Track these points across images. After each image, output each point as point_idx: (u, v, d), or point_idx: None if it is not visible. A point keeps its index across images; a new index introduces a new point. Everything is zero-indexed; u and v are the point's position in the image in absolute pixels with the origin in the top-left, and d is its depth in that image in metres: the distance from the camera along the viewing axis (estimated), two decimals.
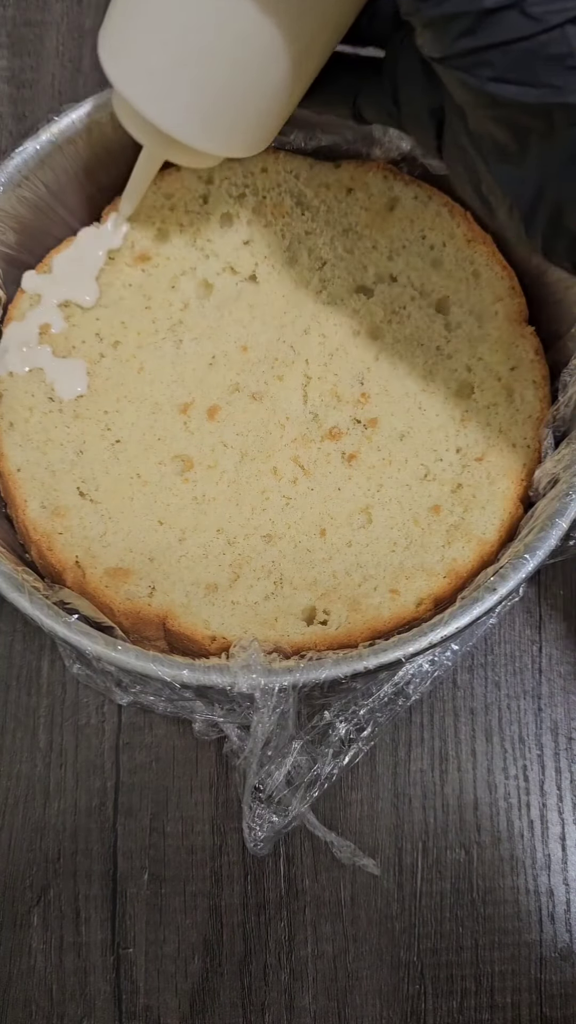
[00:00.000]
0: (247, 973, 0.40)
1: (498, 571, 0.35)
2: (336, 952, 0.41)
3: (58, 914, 0.41)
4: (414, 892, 0.41)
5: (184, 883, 0.41)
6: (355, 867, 0.41)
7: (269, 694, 0.33)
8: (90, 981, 0.40)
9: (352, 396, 0.40)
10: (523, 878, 0.41)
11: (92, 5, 0.53)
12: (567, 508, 0.35)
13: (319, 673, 0.33)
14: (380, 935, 0.41)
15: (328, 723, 0.36)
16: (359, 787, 0.42)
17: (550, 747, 0.43)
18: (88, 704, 0.43)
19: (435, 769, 0.42)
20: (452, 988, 0.40)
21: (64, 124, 0.40)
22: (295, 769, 0.36)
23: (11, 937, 0.41)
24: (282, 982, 0.40)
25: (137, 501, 0.39)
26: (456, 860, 0.41)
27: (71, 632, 0.34)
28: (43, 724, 0.43)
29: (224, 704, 0.36)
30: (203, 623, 0.36)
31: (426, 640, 0.34)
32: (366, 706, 0.36)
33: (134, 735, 0.43)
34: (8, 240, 0.42)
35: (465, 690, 0.43)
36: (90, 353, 0.41)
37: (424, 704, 0.43)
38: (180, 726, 0.43)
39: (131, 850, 0.41)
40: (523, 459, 0.39)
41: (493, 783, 0.42)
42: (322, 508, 0.39)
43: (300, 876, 0.41)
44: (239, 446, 0.40)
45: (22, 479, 0.39)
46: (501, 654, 0.44)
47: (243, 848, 0.41)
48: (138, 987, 0.40)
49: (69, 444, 0.40)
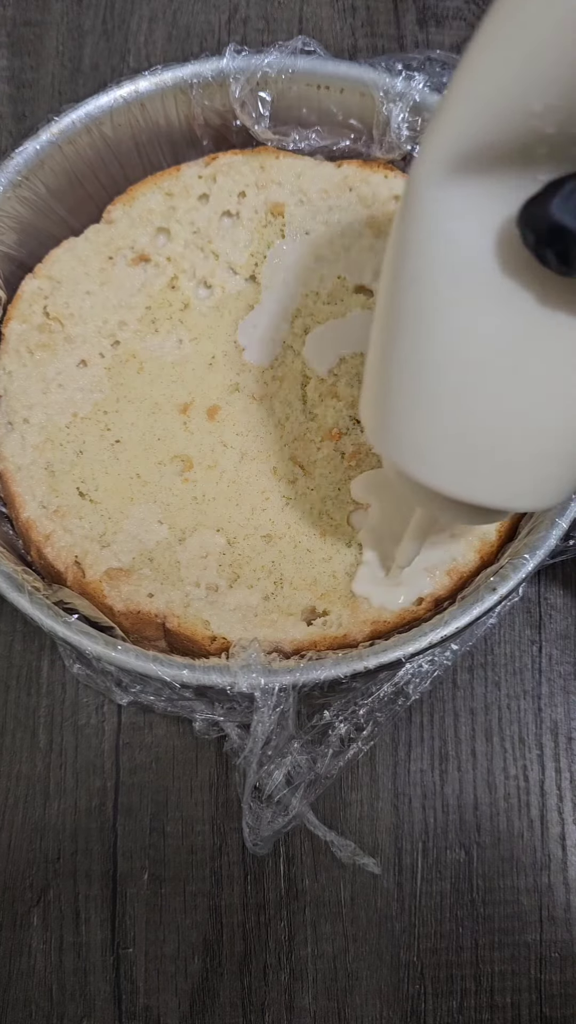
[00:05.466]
0: (247, 973, 0.40)
1: (498, 571, 0.35)
2: (336, 952, 0.40)
3: (58, 914, 0.41)
4: (414, 892, 0.41)
5: (184, 883, 0.41)
6: (355, 867, 0.41)
7: (269, 694, 0.33)
8: (90, 981, 0.40)
9: (352, 396, 0.40)
10: (523, 878, 0.41)
11: (92, 5, 0.53)
12: (567, 508, 0.35)
13: (319, 673, 0.33)
14: (380, 935, 0.41)
15: (328, 723, 0.36)
16: (359, 787, 0.42)
17: (550, 747, 0.43)
18: (88, 704, 0.43)
19: (435, 769, 0.42)
20: (452, 988, 0.40)
21: (64, 124, 0.40)
22: (295, 769, 0.36)
23: (11, 937, 0.41)
24: (282, 982, 0.40)
25: (137, 501, 0.39)
26: (456, 860, 0.41)
27: (71, 632, 0.34)
28: (43, 724, 0.43)
29: (224, 704, 0.36)
30: (203, 623, 0.36)
31: (426, 640, 0.34)
32: (366, 706, 0.36)
33: (134, 735, 0.43)
34: (8, 240, 0.42)
35: (465, 690, 0.43)
36: (90, 353, 0.41)
37: (424, 704, 0.43)
38: (180, 726, 0.43)
39: (131, 850, 0.41)
40: None
41: (493, 783, 0.42)
42: (322, 508, 0.39)
43: (300, 876, 0.41)
44: (239, 446, 0.40)
45: (22, 479, 0.39)
46: (501, 654, 0.44)
47: (243, 848, 0.41)
48: (138, 987, 0.40)
49: (69, 444, 0.40)
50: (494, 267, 0.22)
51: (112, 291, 0.42)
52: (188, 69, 0.41)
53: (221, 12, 0.53)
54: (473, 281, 0.23)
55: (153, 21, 0.53)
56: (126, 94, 0.41)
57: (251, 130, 0.43)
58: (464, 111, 0.21)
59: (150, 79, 0.41)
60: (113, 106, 0.41)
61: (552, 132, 0.19)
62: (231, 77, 0.41)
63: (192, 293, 0.42)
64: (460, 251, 0.23)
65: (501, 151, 0.20)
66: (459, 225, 0.22)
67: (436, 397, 0.25)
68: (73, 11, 0.53)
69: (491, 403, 0.24)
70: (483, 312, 0.23)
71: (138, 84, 0.41)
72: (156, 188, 0.43)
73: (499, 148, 0.20)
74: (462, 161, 0.21)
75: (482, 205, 0.22)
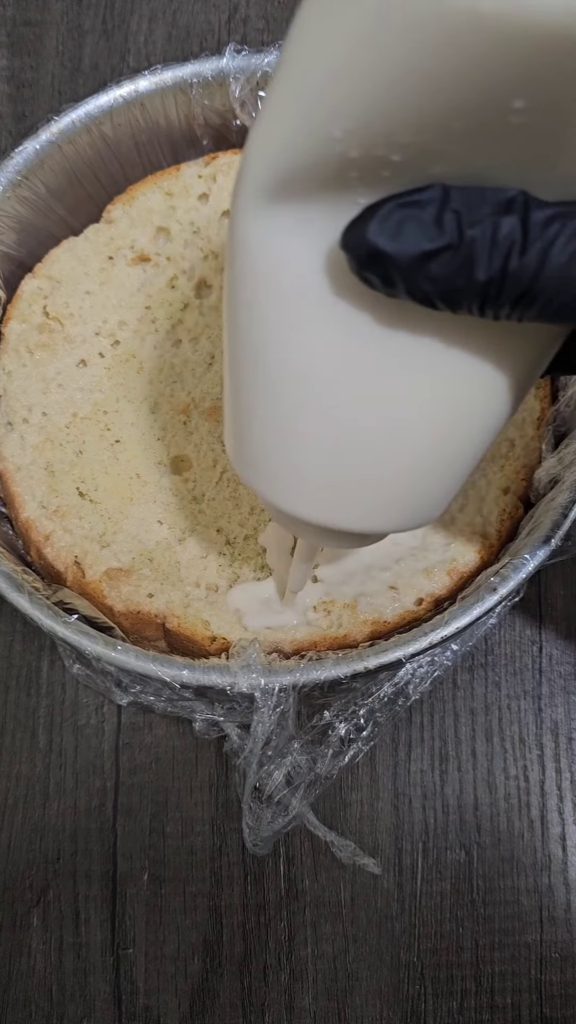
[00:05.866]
0: (247, 974, 0.40)
1: (498, 571, 0.35)
2: (336, 952, 0.40)
3: (58, 915, 0.41)
4: (414, 892, 0.41)
5: (184, 883, 0.41)
6: (355, 867, 0.41)
7: (269, 694, 0.33)
8: (90, 982, 0.40)
9: None
10: (523, 879, 0.41)
11: (92, 5, 0.53)
12: (569, 508, 0.35)
13: (319, 673, 0.33)
14: (380, 935, 0.41)
15: (328, 723, 0.36)
16: (359, 787, 0.42)
17: (550, 747, 0.43)
18: (88, 704, 0.43)
19: (435, 769, 0.42)
20: (452, 989, 0.40)
21: (64, 124, 0.40)
22: (295, 769, 0.36)
23: (11, 938, 0.41)
24: (282, 983, 0.40)
25: (137, 501, 0.39)
26: (456, 860, 0.41)
27: (71, 632, 0.34)
28: (43, 724, 0.43)
29: (224, 704, 0.36)
30: (203, 624, 0.36)
31: (426, 640, 0.34)
32: (366, 706, 0.36)
33: (134, 735, 0.43)
34: (8, 240, 0.41)
35: (465, 690, 0.43)
36: (90, 353, 0.41)
37: (424, 704, 0.43)
38: (180, 726, 0.43)
39: (131, 851, 0.41)
40: (523, 459, 0.39)
41: (493, 783, 0.42)
42: None
43: (300, 876, 0.41)
44: None
45: (22, 479, 0.39)
46: (501, 654, 0.44)
47: (243, 848, 0.41)
48: (138, 988, 0.40)
49: (68, 444, 0.40)
50: (326, 290, 0.22)
51: (112, 291, 0.42)
52: (188, 69, 0.41)
53: (221, 12, 0.53)
54: (306, 305, 0.22)
55: (153, 21, 0.53)
56: (126, 94, 0.41)
57: None
58: (270, 138, 0.20)
59: (150, 79, 0.41)
60: (113, 106, 0.41)
61: (357, 156, 0.19)
62: (231, 77, 0.41)
63: (192, 293, 0.42)
64: (290, 275, 0.22)
65: (315, 176, 0.20)
66: (287, 249, 0.22)
67: (279, 423, 0.25)
68: (73, 11, 0.53)
69: (334, 426, 0.24)
70: (317, 336, 0.23)
71: (138, 84, 0.41)
72: (156, 188, 0.43)
73: (311, 173, 0.20)
74: (279, 186, 0.20)
75: (308, 229, 0.21)
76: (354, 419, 0.24)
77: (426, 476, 0.25)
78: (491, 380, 0.23)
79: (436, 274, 0.19)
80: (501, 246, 0.19)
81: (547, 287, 0.19)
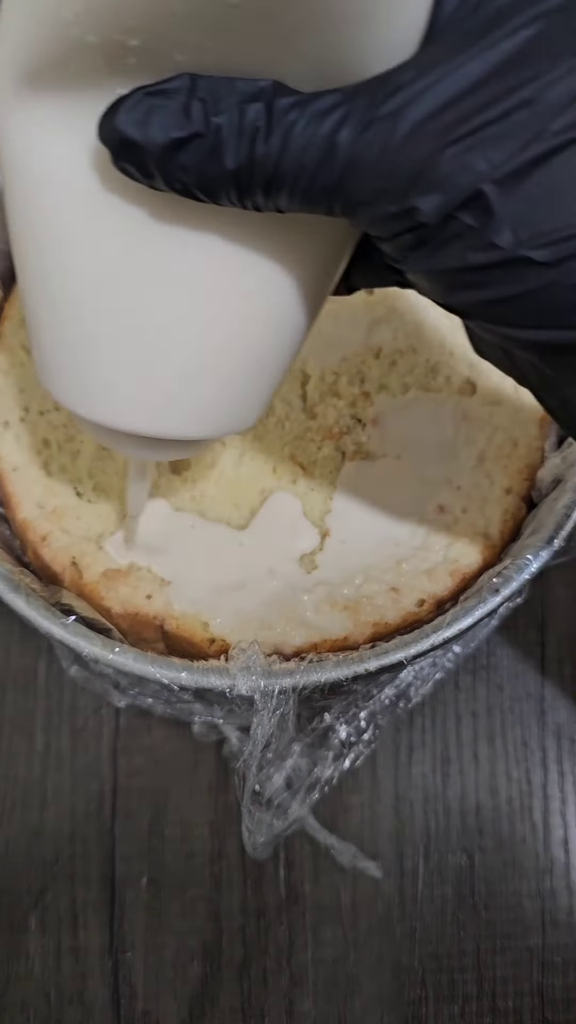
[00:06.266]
0: (247, 978, 0.40)
1: (501, 572, 0.34)
2: (336, 957, 0.40)
3: (56, 918, 0.41)
4: (415, 896, 0.41)
5: (183, 887, 0.41)
6: (356, 871, 0.41)
7: (269, 696, 0.33)
8: (88, 986, 0.40)
9: (353, 395, 0.40)
10: (525, 882, 0.41)
11: None
12: (570, 508, 0.34)
13: (320, 675, 0.33)
14: (381, 940, 0.40)
15: (328, 726, 0.36)
16: (360, 790, 0.42)
17: (553, 750, 0.42)
18: (85, 707, 0.43)
19: (437, 772, 0.42)
20: (454, 993, 0.40)
21: None
22: (295, 772, 0.36)
23: (8, 941, 0.40)
24: (282, 987, 0.40)
25: None
26: (458, 864, 0.41)
27: (68, 633, 0.34)
28: (40, 727, 0.43)
29: (223, 706, 0.35)
30: (202, 625, 0.36)
31: (428, 642, 0.33)
32: (367, 708, 0.36)
33: (132, 738, 0.42)
34: (4, 236, 0.41)
35: (467, 692, 0.43)
36: None
37: (426, 707, 0.43)
38: (179, 729, 0.42)
39: (129, 854, 0.41)
40: (526, 458, 0.39)
41: (495, 787, 0.42)
42: (322, 508, 0.39)
43: (300, 880, 0.41)
44: (238, 445, 0.40)
45: (18, 479, 0.39)
46: (504, 656, 0.43)
47: (243, 852, 0.41)
48: (136, 992, 0.40)
49: (66, 444, 0.40)
50: (98, 186, 0.21)
51: None
52: None
53: None
54: (82, 203, 0.22)
55: None
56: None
57: None
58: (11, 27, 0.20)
59: None
60: None
61: (96, 42, 0.19)
62: None
63: None
64: (62, 172, 0.22)
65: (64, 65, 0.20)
66: (57, 146, 0.21)
67: (71, 328, 0.24)
68: None
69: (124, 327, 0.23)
70: (95, 235, 0.22)
71: None
72: None
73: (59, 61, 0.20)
74: (34, 77, 0.20)
75: (76, 124, 0.21)
76: (142, 317, 0.23)
77: (225, 377, 0.25)
78: (280, 276, 0.23)
79: (187, 163, 0.20)
80: (247, 133, 0.19)
81: (289, 172, 0.19)
